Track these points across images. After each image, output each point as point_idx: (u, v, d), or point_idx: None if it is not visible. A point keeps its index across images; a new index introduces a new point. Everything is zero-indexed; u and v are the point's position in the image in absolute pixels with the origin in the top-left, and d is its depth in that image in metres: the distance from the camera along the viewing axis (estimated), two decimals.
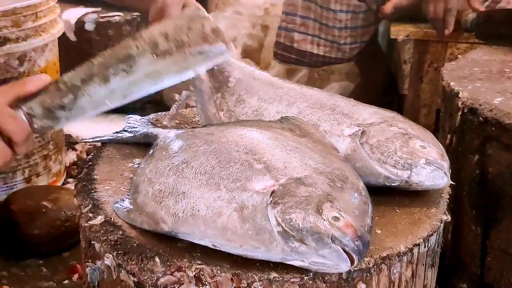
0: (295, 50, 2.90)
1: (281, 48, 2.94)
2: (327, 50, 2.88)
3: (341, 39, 2.83)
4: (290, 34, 2.89)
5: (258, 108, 1.30)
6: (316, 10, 2.83)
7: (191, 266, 0.95)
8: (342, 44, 2.85)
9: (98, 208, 1.10)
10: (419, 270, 1.06)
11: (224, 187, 1.00)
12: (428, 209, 1.12)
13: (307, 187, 0.98)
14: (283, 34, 2.91)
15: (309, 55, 2.90)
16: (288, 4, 2.89)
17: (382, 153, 1.13)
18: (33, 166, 2.22)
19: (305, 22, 2.87)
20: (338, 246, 0.90)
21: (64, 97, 1.14)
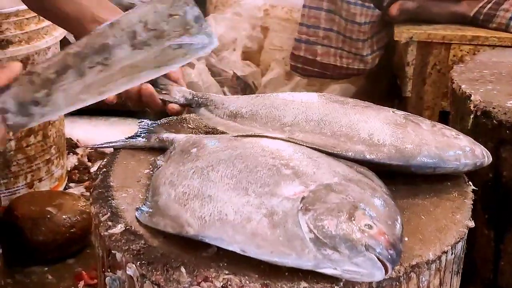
0: (318, 63, 2.88)
1: (301, 61, 2.91)
2: (350, 62, 2.86)
3: (364, 51, 2.82)
4: (312, 47, 2.87)
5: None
6: (340, 22, 2.80)
7: (219, 276, 0.93)
8: (365, 56, 2.84)
9: (118, 216, 1.08)
10: (446, 277, 1.05)
11: (253, 192, 0.98)
12: (453, 215, 1.10)
13: (338, 194, 0.96)
14: (303, 47, 2.89)
15: (332, 68, 2.89)
16: (310, 17, 2.86)
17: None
18: (36, 171, 2.19)
19: (328, 34, 2.85)
20: (372, 254, 0.88)
21: (38, 92, 1.05)
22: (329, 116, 1.22)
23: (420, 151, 1.15)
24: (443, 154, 1.16)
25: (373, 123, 1.19)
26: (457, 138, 1.20)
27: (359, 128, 1.18)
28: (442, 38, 2.56)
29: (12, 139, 2.08)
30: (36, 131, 2.14)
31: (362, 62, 2.82)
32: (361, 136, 1.17)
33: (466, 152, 1.18)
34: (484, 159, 1.20)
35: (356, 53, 2.80)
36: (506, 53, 2.05)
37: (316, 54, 2.85)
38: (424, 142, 1.17)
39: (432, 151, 1.16)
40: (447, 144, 1.18)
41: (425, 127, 1.21)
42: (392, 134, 1.17)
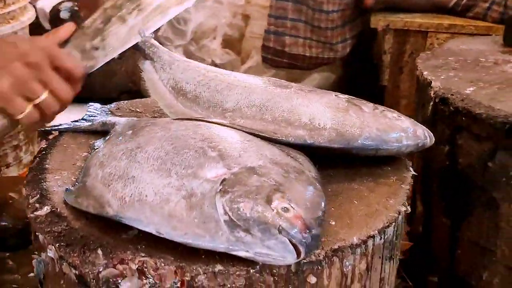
0: (286, 54, 2.85)
1: (271, 53, 2.88)
2: (320, 51, 2.82)
3: (333, 39, 2.78)
4: (280, 38, 2.83)
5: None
6: (308, 12, 2.77)
7: (134, 259, 0.91)
8: (334, 44, 2.80)
9: (46, 199, 1.07)
10: (374, 262, 1.03)
11: (175, 174, 0.96)
12: (387, 200, 1.08)
13: (260, 176, 0.95)
14: (272, 38, 2.85)
15: (302, 58, 2.85)
16: (277, 8, 2.82)
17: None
18: (3, 156, 2.18)
19: (296, 25, 2.81)
20: (284, 238, 0.86)
21: (94, 39, 1.20)
22: (271, 101, 1.20)
23: (361, 133, 1.14)
24: (384, 136, 1.15)
25: (314, 107, 1.18)
26: (399, 120, 1.19)
27: (300, 112, 1.17)
28: (419, 26, 2.53)
29: None
30: None
31: (332, 50, 2.79)
32: (302, 121, 1.15)
33: (407, 133, 1.17)
34: (426, 140, 1.19)
35: (325, 41, 2.77)
36: (476, 40, 2.02)
37: (284, 45, 2.82)
38: (366, 124, 1.15)
39: (373, 133, 1.15)
40: (388, 126, 1.16)
41: (367, 109, 1.20)
42: (333, 117, 1.16)
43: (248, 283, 0.91)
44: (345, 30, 2.78)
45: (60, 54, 1.10)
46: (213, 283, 0.91)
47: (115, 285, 0.93)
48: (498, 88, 1.57)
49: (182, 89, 1.26)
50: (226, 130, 1.11)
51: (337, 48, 2.78)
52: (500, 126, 1.41)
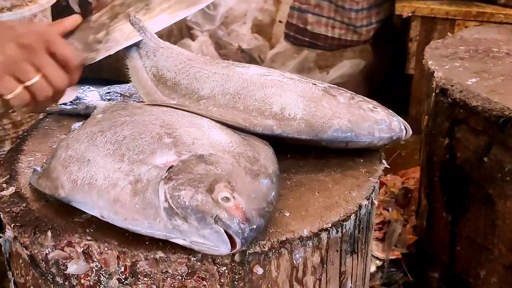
0: (308, 32, 2.81)
1: (294, 30, 2.84)
2: (343, 33, 2.77)
3: (358, 22, 2.72)
4: (303, 15, 2.79)
5: None
6: None
7: (81, 242, 0.93)
8: (359, 27, 2.74)
9: (13, 179, 1.09)
10: (331, 256, 1.01)
11: (127, 159, 0.97)
12: (350, 193, 1.05)
13: (207, 165, 0.94)
14: (295, 15, 2.81)
15: (324, 38, 2.81)
16: None
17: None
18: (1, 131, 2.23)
19: (320, 3, 2.77)
20: (219, 227, 0.85)
21: (98, 33, 1.23)
22: (245, 89, 1.18)
23: (331, 125, 1.11)
24: (356, 128, 1.12)
25: (288, 97, 1.15)
26: (374, 111, 1.15)
27: (272, 102, 1.15)
28: (446, 13, 2.45)
29: None
30: None
31: (356, 33, 2.73)
32: (273, 110, 1.13)
33: (381, 125, 1.13)
34: (401, 133, 1.15)
35: (349, 23, 2.71)
36: (493, 29, 1.93)
37: (306, 23, 2.77)
38: (337, 116, 1.12)
39: (344, 125, 1.11)
40: (361, 118, 1.13)
41: (342, 100, 1.17)
42: (305, 107, 1.13)
43: (190, 271, 0.91)
44: (371, 14, 2.72)
45: (57, 40, 1.11)
46: (155, 269, 0.91)
47: (64, 267, 0.94)
48: (502, 80, 1.50)
49: (163, 76, 1.26)
50: (192, 117, 1.10)
51: (361, 31, 2.73)
52: (495, 120, 1.35)
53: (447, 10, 2.45)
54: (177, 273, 0.91)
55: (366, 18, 2.76)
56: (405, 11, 2.50)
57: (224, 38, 3.11)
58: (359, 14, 2.73)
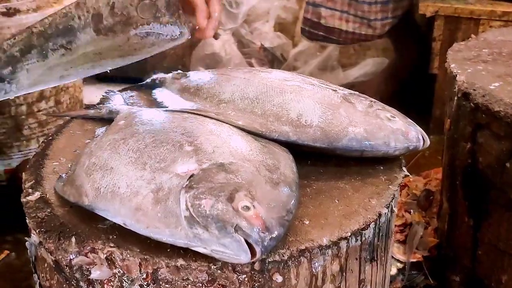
0: (322, 26, 2.80)
1: (309, 24, 2.83)
2: (357, 26, 2.75)
3: (371, 15, 2.70)
4: (317, 9, 2.78)
5: None
6: None
7: (104, 248, 0.95)
8: (373, 20, 2.72)
9: (39, 185, 1.11)
10: (350, 264, 1.01)
11: (149, 167, 0.98)
12: (369, 201, 1.06)
13: (228, 173, 0.95)
14: (310, 9, 2.81)
15: (338, 32, 2.79)
16: None
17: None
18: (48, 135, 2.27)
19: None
20: (239, 236, 0.87)
21: (4, 68, 1.08)
22: (264, 94, 1.19)
23: (346, 134, 1.12)
24: (371, 137, 1.12)
25: (306, 103, 1.16)
26: (391, 121, 1.15)
27: (290, 107, 1.16)
28: (470, 13, 2.42)
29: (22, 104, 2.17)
30: (47, 96, 2.22)
31: (370, 27, 2.70)
32: (290, 117, 1.14)
33: (397, 135, 1.13)
34: (418, 143, 1.15)
35: (363, 16, 2.68)
36: None
37: (320, 17, 2.75)
38: (353, 124, 1.13)
39: (359, 134, 1.12)
40: (377, 127, 1.13)
41: (360, 107, 1.17)
42: (322, 115, 1.14)
43: (211, 279, 0.92)
44: (387, 8, 2.69)
45: None
46: (176, 277, 0.92)
47: (88, 272, 0.96)
48: None
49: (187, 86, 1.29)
50: (212, 125, 1.12)
51: (375, 25, 2.70)
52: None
53: (472, 10, 2.42)
54: (198, 280, 0.92)
55: (380, 12, 2.73)
56: (428, 11, 2.48)
57: (247, 36, 3.11)
58: (372, 7, 2.71)
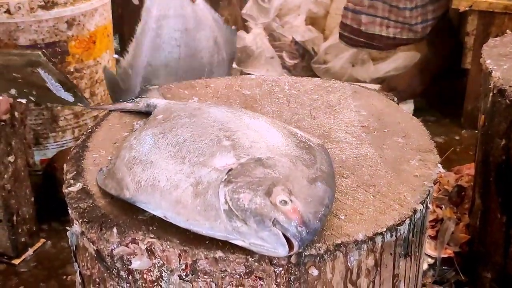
0: (363, 33, 2.79)
1: (348, 30, 2.82)
2: (398, 31, 2.74)
3: (412, 20, 2.69)
4: (357, 16, 2.78)
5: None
6: None
7: (144, 239, 0.97)
8: (414, 25, 2.71)
9: (80, 176, 1.14)
10: (385, 259, 1.02)
11: (188, 161, 1.01)
12: (405, 197, 1.06)
13: (265, 168, 0.97)
14: (350, 16, 2.80)
15: (379, 38, 2.78)
16: None
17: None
18: (83, 126, 2.32)
19: (373, 3, 2.75)
20: (277, 230, 0.88)
21: None
22: None
23: None
24: None
25: None
26: None
27: None
28: (504, 8, 2.40)
29: None
30: (83, 88, 2.26)
31: (411, 31, 2.69)
32: None
33: None
34: None
35: (404, 22, 2.68)
36: None
37: (360, 24, 2.75)
38: None
39: None
40: None
41: None
42: None
43: (248, 271, 0.94)
44: (426, 11, 2.68)
45: None
46: (214, 268, 0.95)
47: (128, 262, 0.99)
48: None
49: None
50: (249, 119, 1.13)
51: (416, 29, 2.69)
52: None
53: (506, 5, 2.40)
54: (235, 272, 0.94)
55: (421, 16, 2.72)
56: (462, 5, 2.46)
57: (278, 30, 3.12)
58: (413, 12, 2.70)
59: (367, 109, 1.38)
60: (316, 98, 1.44)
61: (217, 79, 1.56)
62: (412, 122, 1.33)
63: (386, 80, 3.01)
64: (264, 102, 1.42)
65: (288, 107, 1.40)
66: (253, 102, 1.42)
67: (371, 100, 1.43)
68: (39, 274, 1.88)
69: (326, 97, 1.45)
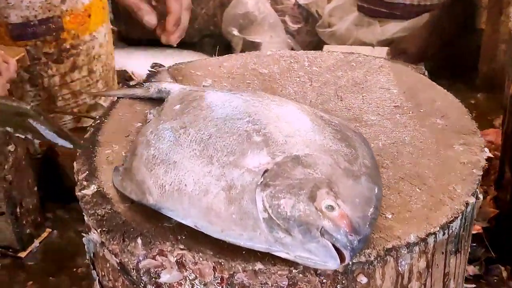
0: (384, 3, 2.64)
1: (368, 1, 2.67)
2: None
3: None
4: None
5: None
6: None
7: (173, 251, 0.87)
8: None
9: (94, 176, 1.04)
10: (436, 259, 0.94)
11: (217, 161, 0.90)
12: (454, 189, 0.97)
13: (305, 168, 0.87)
14: None
15: (402, 7, 2.63)
16: None
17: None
18: (82, 105, 2.20)
19: None
20: (327, 241, 0.79)
21: None
22: None
23: None
24: None
25: None
26: None
27: None
28: None
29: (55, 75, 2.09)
30: (80, 66, 2.14)
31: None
32: None
33: None
34: None
35: None
36: None
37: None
38: None
39: None
40: None
41: None
42: None
43: (291, 283, 0.85)
44: None
45: None
46: (254, 281, 0.85)
47: (156, 275, 0.90)
48: None
49: None
50: (277, 106, 1.02)
51: None
52: None
53: None
54: (277, 285, 0.85)
55: None
56: None
57: None
58: None
59: (398, 86, 1.27)
60: (340, 75, 1.33)
61: (230, 57, 1.44)
62: (449, 99, 1.23)
63: (394, 42, 2.88)
64: (285, 82, 1.31)
65: (311, 87, 1.29)
66: (272, 82, 1.31)
67: (400, 75, 1.32)
68: (48, 268, 1.79)
69: (351, 73, 1.34)
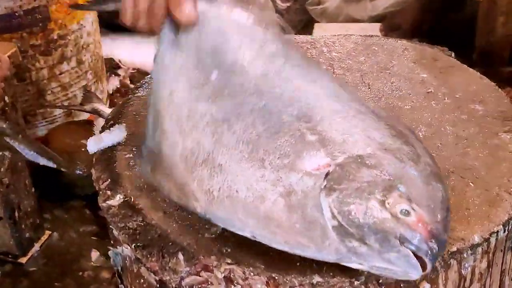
0: None
1: None
2: None
3: None
4: None
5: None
6: None
7: (220, 266, 0.80)
8: None
9: (117, 184, 0.96)
10: (496, 258, 0.88)
11: (269, 164, 0.81)
12: (509, 181, 0.91)
13: (371, 169, 0.78)
14: None
15: None
16: None
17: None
18: (72, 98, 2.10)
19: None
20: (407, 250, 0.72)
21: None
22: None
23: None
24: None
25: None
26: None
27: None
28: None
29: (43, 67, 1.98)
30: (69, 57, 2.03)
31: None
32: None
33: None
34: None
35: None
36: None
37: None
38: None
39: None
40: None
41: None
42: None
43: None
44: None
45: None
46: None
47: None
48: None
49: None
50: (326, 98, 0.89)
51: None
52: None
53: None
54: None
55: None
56: None
57: None
58: None
59: (427, 70, 1.20)
60: (363, 60, 1.26)
61: None
62: (483, 82, 1.17)
63: (386, 17, 2.82)
64: None
65: (335, 75, 1.21)
66: None
67: (427, 58, 1.25)
68: (51, 272, 1.69)
69: (374, 58, 1.26)
